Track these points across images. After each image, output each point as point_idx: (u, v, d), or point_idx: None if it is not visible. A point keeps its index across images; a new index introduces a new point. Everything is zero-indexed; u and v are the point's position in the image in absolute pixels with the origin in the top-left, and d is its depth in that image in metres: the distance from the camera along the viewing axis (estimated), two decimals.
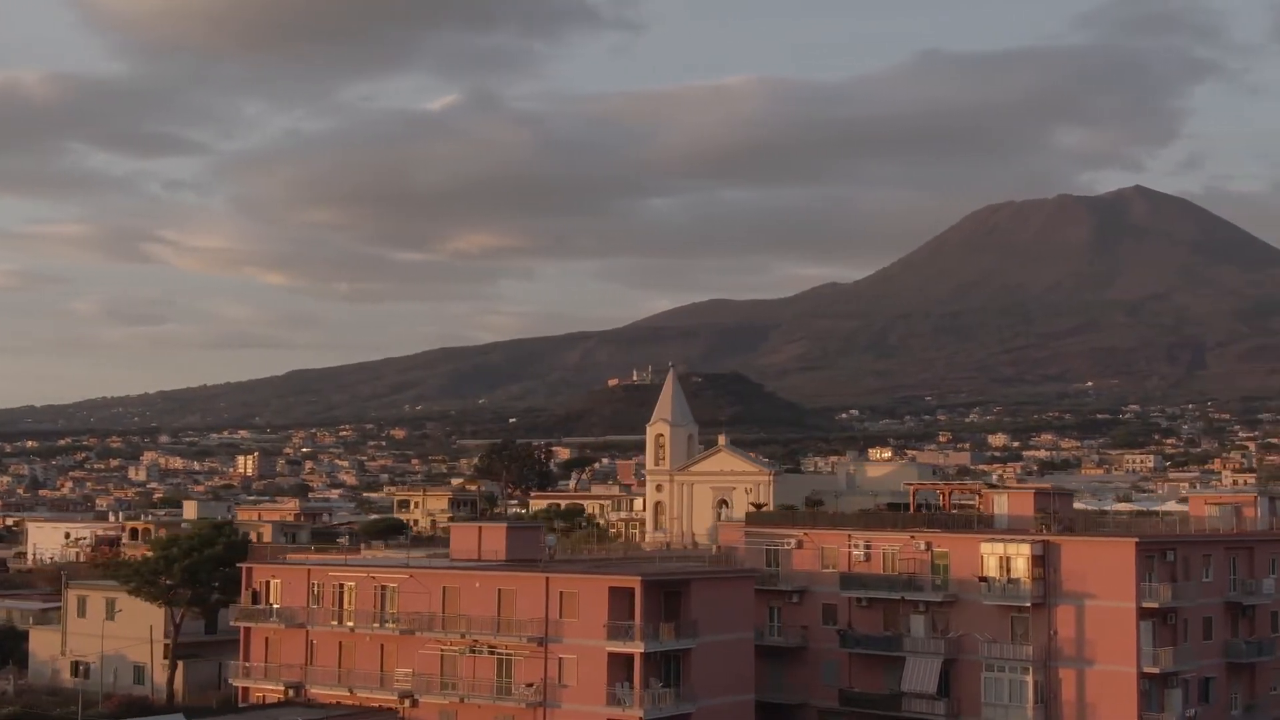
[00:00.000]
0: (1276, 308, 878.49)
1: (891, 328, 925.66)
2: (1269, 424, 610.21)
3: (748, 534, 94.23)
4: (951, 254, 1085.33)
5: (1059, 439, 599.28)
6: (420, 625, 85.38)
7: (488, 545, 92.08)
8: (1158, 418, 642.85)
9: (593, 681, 79.75)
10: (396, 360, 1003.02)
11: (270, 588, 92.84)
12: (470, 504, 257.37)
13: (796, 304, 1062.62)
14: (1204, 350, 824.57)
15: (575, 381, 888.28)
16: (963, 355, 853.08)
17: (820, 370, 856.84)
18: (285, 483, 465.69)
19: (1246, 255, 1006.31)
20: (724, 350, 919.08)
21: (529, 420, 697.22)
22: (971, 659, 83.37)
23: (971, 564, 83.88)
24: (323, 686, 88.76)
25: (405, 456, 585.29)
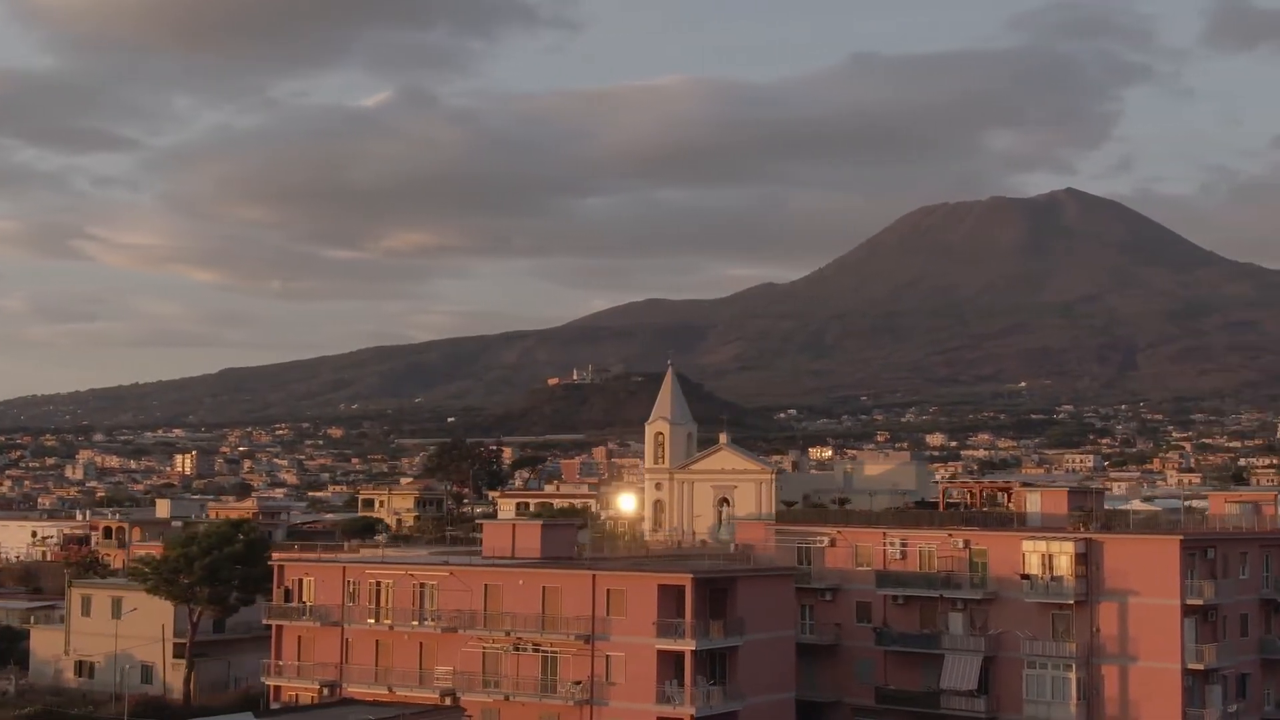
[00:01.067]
0: (1205, 309, 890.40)
1: (827, 328, 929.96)
2: (1201, 424, 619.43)
3: (778, 532, 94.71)
4: (886, 255, 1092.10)
5: (995, 439, 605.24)
6: (462, 623, 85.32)
7: (522, 543, 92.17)
8: (1091, 418, 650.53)
9: (642, 679, 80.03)
10: (331, 359, 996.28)
11: (303, 585, 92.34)
12: (436, 503, 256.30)
13: (733, 304, 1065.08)
14: (1135, 351, 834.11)
15: (513, 381, 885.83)
16: (898, 355, 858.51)
17: (757, 370, 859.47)
18: (225, 481, 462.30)
19: (1176, 257, 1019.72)
20: (661, 350, 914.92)
21: (468, 419, 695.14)
22: (1012, 656, 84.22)
23: (1011, 562, 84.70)
24: (359, 685, 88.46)
25: (344, 456, 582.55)
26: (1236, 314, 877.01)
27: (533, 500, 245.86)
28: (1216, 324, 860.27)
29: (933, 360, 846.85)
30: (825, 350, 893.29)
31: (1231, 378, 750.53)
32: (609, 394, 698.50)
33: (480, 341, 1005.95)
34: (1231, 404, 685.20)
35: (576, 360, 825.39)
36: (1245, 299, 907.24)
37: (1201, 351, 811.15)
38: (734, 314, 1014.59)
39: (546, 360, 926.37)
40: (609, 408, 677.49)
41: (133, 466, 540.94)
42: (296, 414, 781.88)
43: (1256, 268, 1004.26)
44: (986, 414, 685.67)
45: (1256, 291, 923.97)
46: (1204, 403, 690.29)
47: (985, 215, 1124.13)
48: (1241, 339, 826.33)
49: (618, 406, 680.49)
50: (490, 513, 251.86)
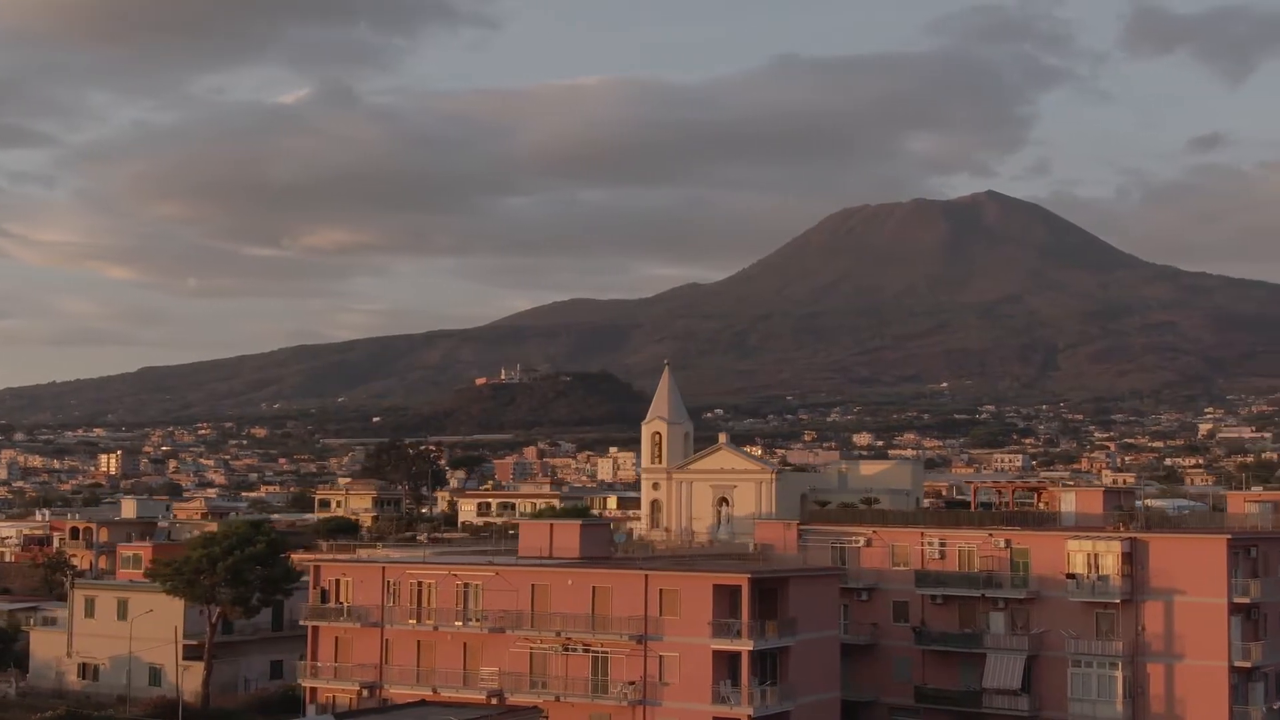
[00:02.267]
0: (1123, 310, 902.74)
1: (752, 328, 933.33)
2: (1122, 424, 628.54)
3: (812, 532, 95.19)
4: (809, 256, 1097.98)
5: (921, 438, 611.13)
6: (509, 623, 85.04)
7: (560, 542, 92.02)
8: (1014, 418, 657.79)
9: (696, 679, 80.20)
10: (252, 358, 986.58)
11: (340, 586, 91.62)
12: (395, 503, 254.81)
13: (657, 304, 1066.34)
14: (1055, 352, 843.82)
15: (438, 380, 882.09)
16: (821, 356, 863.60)
17: (683, 370, 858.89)
18: (153, 482, 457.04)
19: (1094, 259, 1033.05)
20: (587, 349, 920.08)
21: (394, 419, 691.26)
22: (1055, 655, 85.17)
23: (1053, 561, 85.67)
24: (401, 686, 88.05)
25: (270, 456, 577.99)
26: (1154, 315, 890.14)
27: (495, 500, 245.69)
28: (1135, 325, 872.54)
29: (856, 360, 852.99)
30: (750, 350, 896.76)
31: (1150, 378, 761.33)
32: (537, 394, 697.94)
33: (404, 341, 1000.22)
34: (1151, 404, 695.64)
35: (501, 360, 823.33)
36: (1163, 301, 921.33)
37: (1120, 352, 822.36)
38: (659, 314, 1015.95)
39: (471, 360, 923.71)
40: (537, 408, 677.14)
41: (56, 466, 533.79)
42: (218, 413, 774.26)
43: (1174, 270, 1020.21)
44: (910, 414, 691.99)
45: (1174, 293, 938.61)
46: (1123, 403, 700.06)
47: (907, 217, 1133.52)
48: (1160, 340, 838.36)
49: (546, 406, 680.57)
50: (451, 513, 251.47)
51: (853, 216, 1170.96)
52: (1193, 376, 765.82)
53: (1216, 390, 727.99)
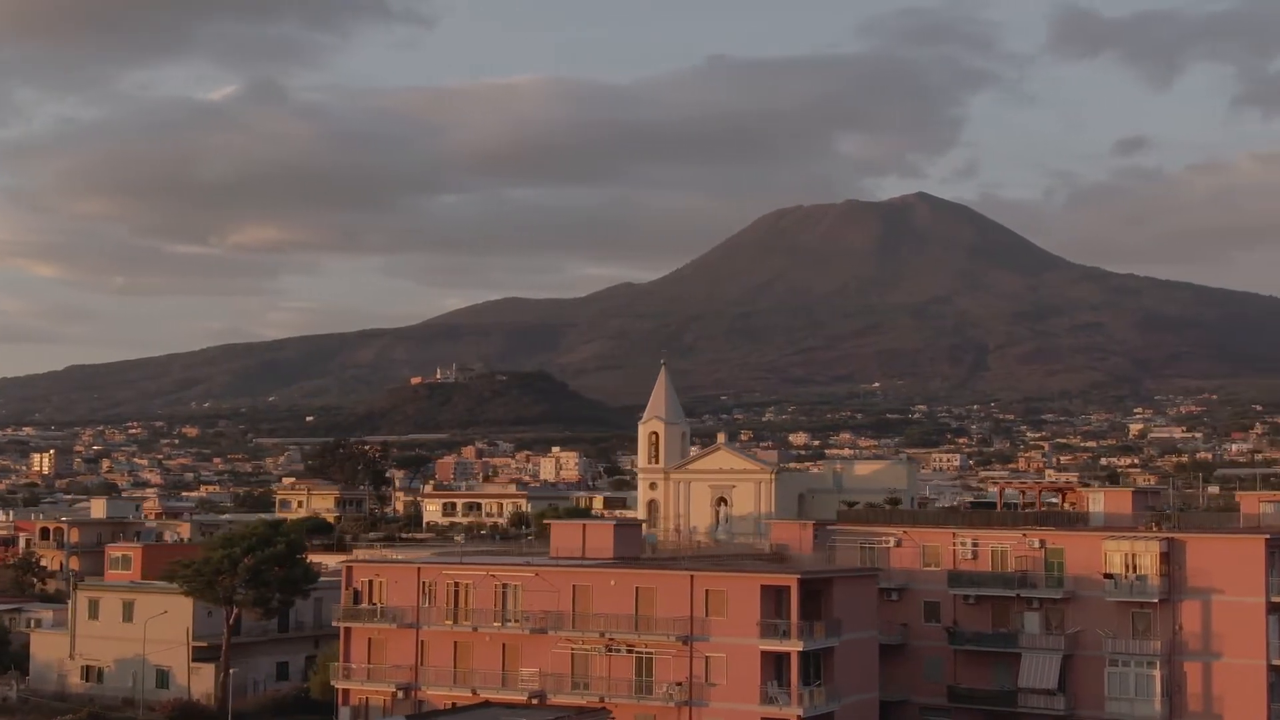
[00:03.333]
0: (1051, 311, 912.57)
1: (686, 328, 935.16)
2: (1053, 424, 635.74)
3: (840, 532, 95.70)
4: (742, 256, 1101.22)
5: (856, 438, 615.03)
6: (551, 624, 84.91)
7: (593, 543, 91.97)
8: (946, 418, 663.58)
9: (744, 680, 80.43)
10: (181, 356, 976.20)
11: (374, 587, 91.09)
12: (357, 503, 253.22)
13: (591, 304, 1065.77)
14: (985, 352, 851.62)
15: (371, 380, 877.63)
16: (755, 356, 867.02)
17: (618, 369, 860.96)
18: (88, 481, 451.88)
19: (1023, 260, 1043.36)
20: (521, 349, 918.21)
21: (327, 419, 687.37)
22: (1092, 655, 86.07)
23: (1089, 561, 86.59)
24: (437, 687, 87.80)
25: (204, 455, 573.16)
26: (1082, 316, 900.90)
27: (460, 499, 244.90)
28: (1063, 326, 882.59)
29: (789, 361, 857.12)
30: (684, 350, 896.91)
31: (1079, 378, 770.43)
32: (472, 393, 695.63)
33: (335, 339, 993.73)
34: (1080, 404, 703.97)
35: (434, 359, 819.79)
36: (1090, 302, 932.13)
37: (1049, 353, 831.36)
38: (593, 314, 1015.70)
39: (404, 359, 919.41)
40: (473, 407, 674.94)
41: None
42: (147, 412, 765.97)
43: (1101, 271, 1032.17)
44: (844, 413, 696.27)
45: (1101, 295, 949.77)
46: (1053, 403, 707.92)
47: (839, 218, 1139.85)
48: (1088, 340, 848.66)
49: (482, 406, 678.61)
50: (415, 513, 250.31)
51: (785, 217, 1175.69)
52: (1121, 377, 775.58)
53: (1144, 391, 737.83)
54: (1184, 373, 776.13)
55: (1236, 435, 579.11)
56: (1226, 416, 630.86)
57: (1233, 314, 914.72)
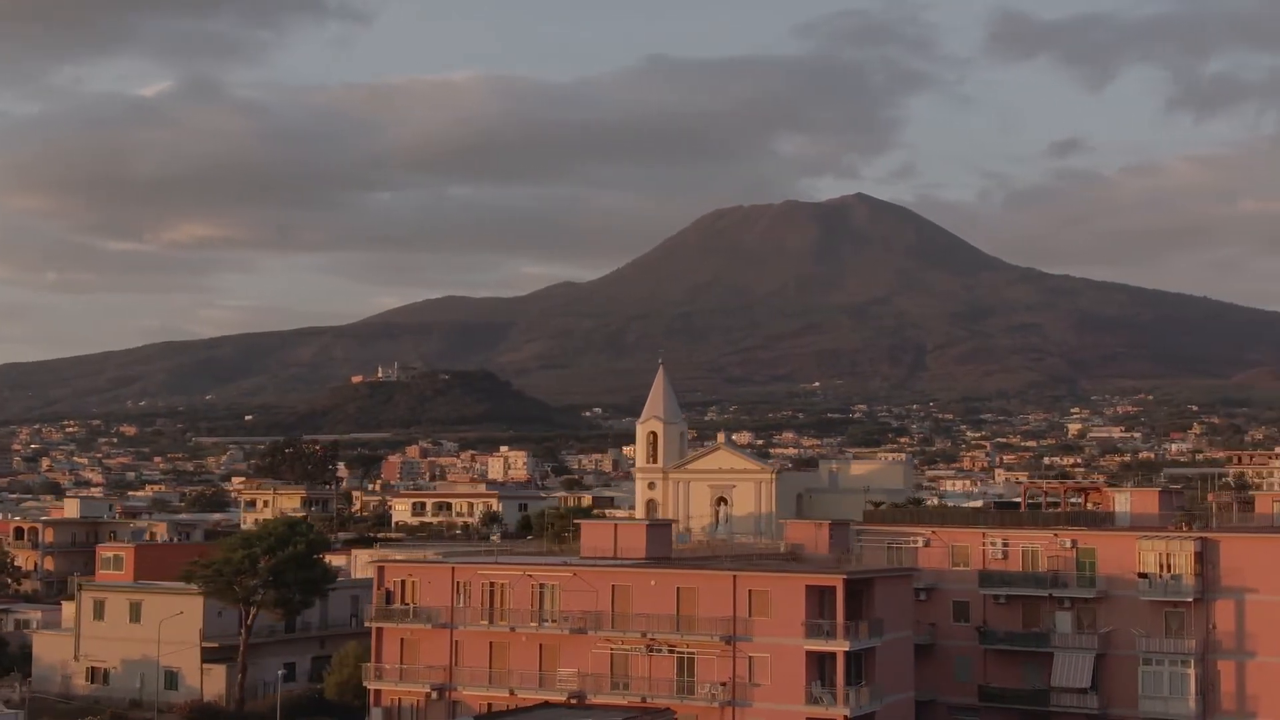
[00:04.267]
0: (988, 311, 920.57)
1: (627, 327, 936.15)
2: (992, 424, 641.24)
3: (866, 532, 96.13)
4: (683, 256, 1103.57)
5: (799, 437, 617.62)
6: (590, 624, 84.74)
7: (625, 543, 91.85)
8: (886, 417, 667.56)
9: (788, 680, 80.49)
10: (117, 354, 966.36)
11: (406, 587, 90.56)
12: (323, 503, 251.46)
13: (533, 302, 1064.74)
14: (924, 352, 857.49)
15: (310, 378, 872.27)
16: (696, 355, 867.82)
17: (560, 369, 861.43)
18: (30, 480, 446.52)
19: (960, 261, 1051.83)
20: (462, 348, 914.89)
21: (267, 418, 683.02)
22: (1124, 654, 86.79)
23: (1120, 560, 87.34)
24: (473, 688, 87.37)
25: (143, 455, 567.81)
26: (1019, 317, 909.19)
27: (429, 499, 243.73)
28: (1000, 326, 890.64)
29: (729, 360, 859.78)
30: (626, 349, 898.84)
31: (1016, 379, 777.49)
32: (414, 392, 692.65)
33: (273, 338, 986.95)
34: (1017, 404, 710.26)
35: (373, 358, 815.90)
36: (1026, 302, 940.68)
37: (986, 353, 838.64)
38: (534, 313, 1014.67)
39: (342, 357, 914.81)
40: (415, 406, 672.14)
41: None
42: (83, 411, 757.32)
43: (1037, 272, 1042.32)
44: (785, 413, 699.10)
45: (1038, 296, 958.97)
46: (991, 403, 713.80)
47: (779, 218, 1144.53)
48: (1024, 341, 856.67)
49: (424, 405, 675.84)
50: (384, 513, 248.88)
51: (725, 217, 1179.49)
52: (1057, 377, 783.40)
53: (1080, 391, 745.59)
54: (1120, 373, 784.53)
55: (1175, 435, 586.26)
56: (1163, 417, 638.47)
57: (1167, 315, 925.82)
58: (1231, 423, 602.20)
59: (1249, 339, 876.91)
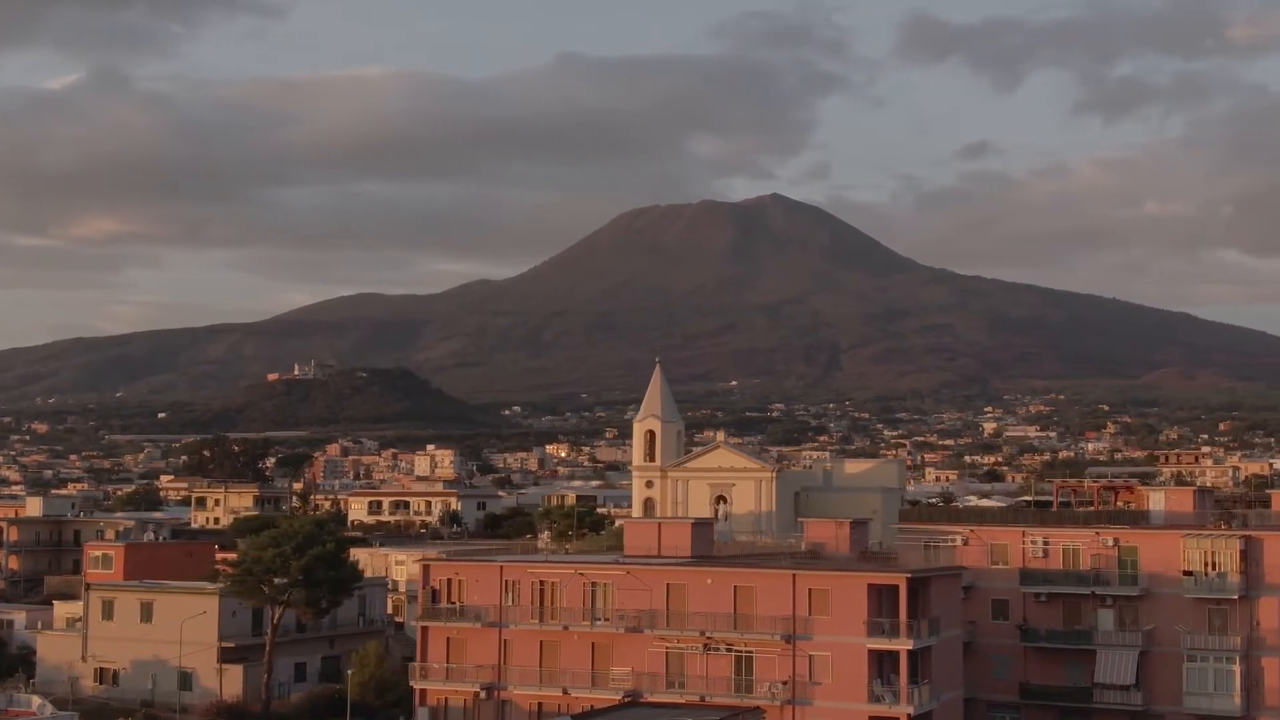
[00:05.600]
0: (902, 312, 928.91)
1: (545, 326, 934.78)
2: (908, 423, 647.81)
3: (902, 530, 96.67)
4: (600, 255, 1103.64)
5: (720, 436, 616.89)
6: (645, 623, 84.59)
7: (669, 541, 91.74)
8: (804, 416, 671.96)
9: (850, 679, 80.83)
10: (23, 350, 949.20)
11: (452, 586, 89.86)
12: (275, 502, 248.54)
13: (448, 300, 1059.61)
14: (839, 352, 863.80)
15: (221, 375, 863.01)
16: (614, 354, 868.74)
17: (477, 367, 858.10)
18: None
19: (873, 262, 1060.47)
20: (376, 345, 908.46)
21: (181, 415, 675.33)
22: (1168, 651, 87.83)
23: (1164, 558, 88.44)
24: (523, 687, 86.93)
25: (57, 452, 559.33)
26: (932, 318, 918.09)
27: (386, 498, 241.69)
28: (913, 327, 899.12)
29: (647, 359, 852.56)
30: (543, 348, 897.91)
31: (930, 379, 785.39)
32: (332, 390, 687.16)
33: (184, 334, 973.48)
34: (932, 404, 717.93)
35: (286, 355, 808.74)
36: (939, 303, 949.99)
37: (900, 353, 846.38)
38: (450, 310, 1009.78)
39: (254, 355, 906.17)
40: (332, 404, 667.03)
41: None
42: None
43: (949, 273, 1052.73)
44: (705, 411, 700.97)
45: (950, 297, 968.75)
46: (905, 402, 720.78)
47: (695, 218, 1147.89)
48: (938, 341, 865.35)
49: (342, 403, 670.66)
50: (342, 512, 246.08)
51: (642, 216, 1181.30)
52: (970, 377, 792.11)
53: (993, 391, 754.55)
54: (1031, 373, 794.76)
55: (1090, 434, 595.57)
56: (1075, 416, 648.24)
57: (1077, 316, 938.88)
58: (1145, 422, 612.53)
59: (1156, 340, 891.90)
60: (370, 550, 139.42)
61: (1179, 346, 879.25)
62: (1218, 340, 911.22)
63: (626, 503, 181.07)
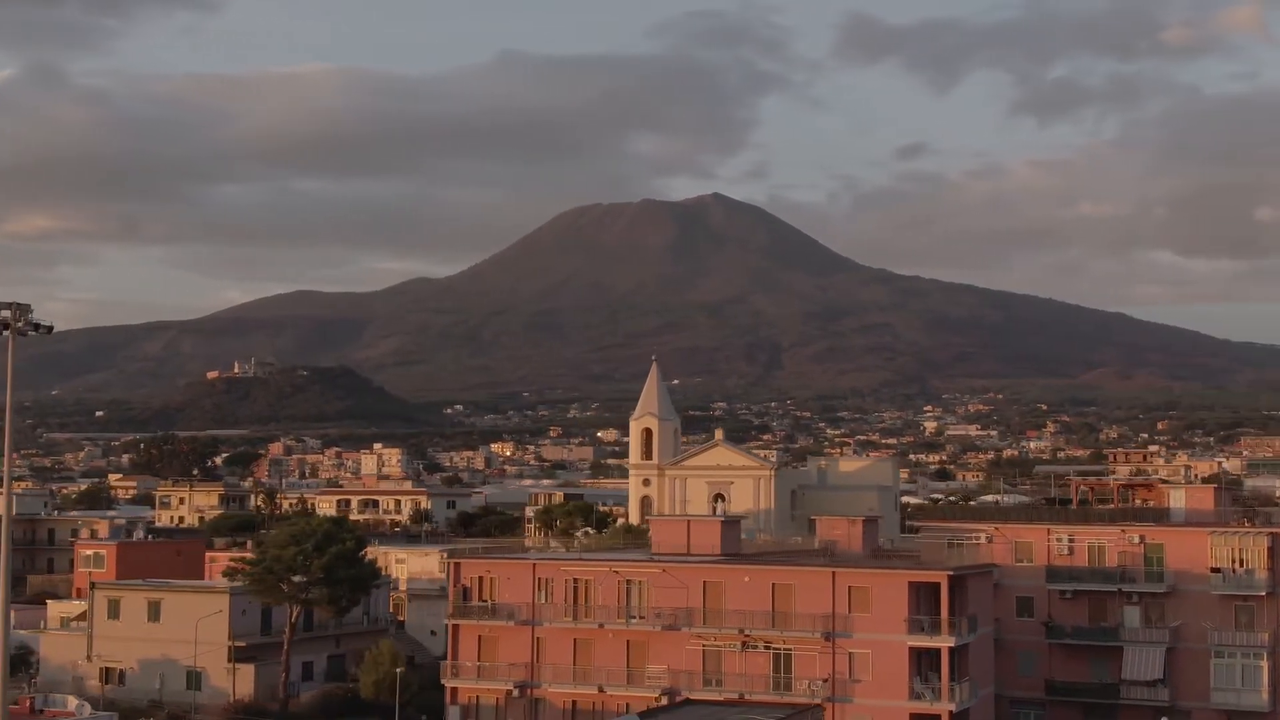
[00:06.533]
0: (841, 311, 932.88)
1: (486, 324, 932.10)
2: (850, 421, 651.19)
3: (925, 529, 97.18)
4: (541, 253, 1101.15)
5: None
6: (683, 620, 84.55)
7: (699, 540, 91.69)
8: (746, 415, 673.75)
9: (891, 676, 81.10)
10: None
11: (483, 584, 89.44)
12: (240, 500, 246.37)
13: (388, 298, 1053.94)
14: (780, 351, 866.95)
15: (159, 373, 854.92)
16: (556, 352, 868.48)
17: (418, 365, 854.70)
18: None
19: (812, 261, 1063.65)
20: (316, 343, 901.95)
21: (120, 413, 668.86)
22: (1195, 647, 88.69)
23: (1190, 555, 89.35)
24: (557, 685, 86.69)
25: None
26: (871, 317, 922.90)
27: (354, 497, 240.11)
28: (853, 326, 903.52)
29: (589, 357, 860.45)
30: (484, 346, 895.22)
31: (870, 378, 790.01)
32: (273, 388, 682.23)
33: (121, 332, 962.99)
34: (872, 402, 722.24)
35: (224, 353, 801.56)
36: (879, 303, 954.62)
37: (840, 352, 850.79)
38: (390, 308, 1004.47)
39: (191, 352, 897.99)
40: (273, 402, 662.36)
41: None
42: None
43: (888, 273, 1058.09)
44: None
45: (889, 296, 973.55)
46: (846, 401, 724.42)
47: (637, 217, 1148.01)
48: (877, 341, 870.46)
49: (283, 401, 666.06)
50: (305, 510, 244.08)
51: (584, 215, 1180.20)
52: (909, 376, 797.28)
53: (932, 390, 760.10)
54: (969, 372, 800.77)
55: (1031, 433, 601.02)
56: (1014, 415, 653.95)
57: (1014, 316, 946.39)
58: (1084, 421, 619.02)
59: (1093, 340, 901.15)
60: (371, 549, 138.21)
61: (1115, 346, 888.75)
62: (1153, 340, 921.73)
63: (612, 501, 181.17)
